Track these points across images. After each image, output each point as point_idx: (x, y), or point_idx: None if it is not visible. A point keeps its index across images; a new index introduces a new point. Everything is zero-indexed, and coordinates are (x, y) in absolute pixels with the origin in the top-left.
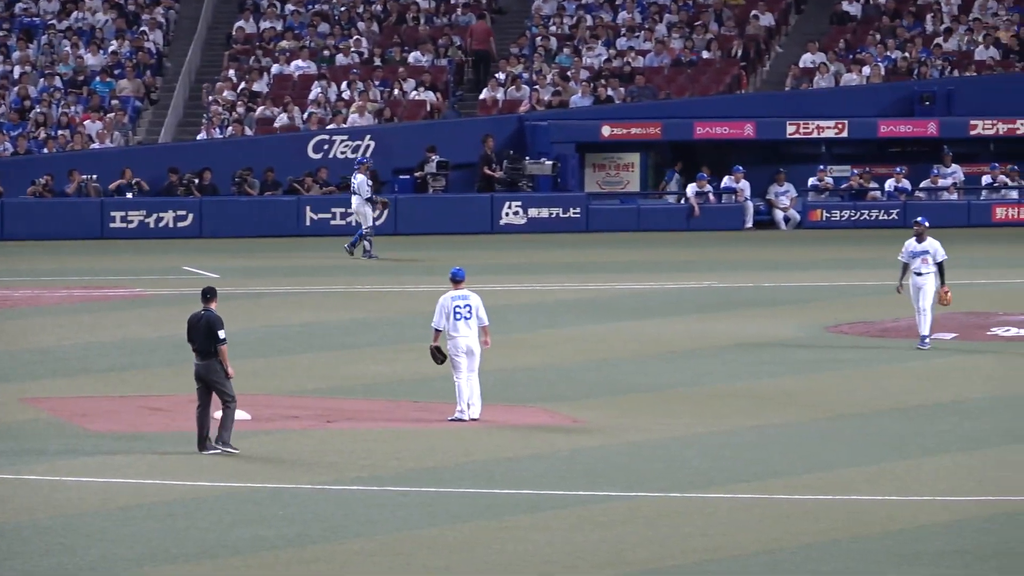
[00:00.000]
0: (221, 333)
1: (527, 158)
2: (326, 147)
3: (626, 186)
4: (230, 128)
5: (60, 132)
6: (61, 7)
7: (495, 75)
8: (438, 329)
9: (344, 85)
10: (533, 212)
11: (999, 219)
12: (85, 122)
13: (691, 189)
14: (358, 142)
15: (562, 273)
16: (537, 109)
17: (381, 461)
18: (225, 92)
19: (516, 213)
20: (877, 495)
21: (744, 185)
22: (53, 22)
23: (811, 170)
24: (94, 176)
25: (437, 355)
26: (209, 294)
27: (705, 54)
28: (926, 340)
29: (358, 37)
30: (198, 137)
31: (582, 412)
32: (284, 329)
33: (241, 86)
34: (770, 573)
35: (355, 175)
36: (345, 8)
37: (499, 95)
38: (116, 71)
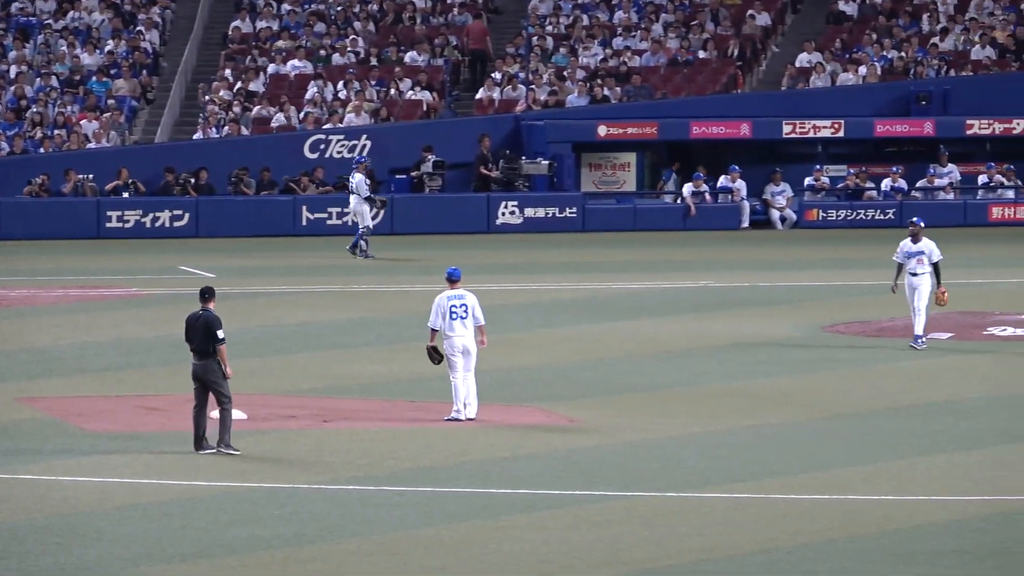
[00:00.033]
0: (220, 333)
1: (523, 158)
2: (322, 147)
3: (622, 186)
4: (226, 128)
5: (56, 132)
6: (57, 6)
7: (491, 75)
8: (434, 329)
9: (340, 85)
10: (529, 212)
11: (995, 219)
12: (81, 122)
13: (687, 189)
14: (354, 142)
15: (558, 273)
16: (533, 109)
17: (377, 461)
18: (221, 92)
19: (512, 213)
20: (873, 495)
21: (740, 185)
22: (49, 22)
23: (807, 170)
24: (90, 176)
25: (434, 355)
26: (207, 294)
27: (701, 54)
28: (920, 340)
29: (354, 37)
30: (194, 137)
31: (578, 412)
32: (280, 329)
33: (237, 86)
34: (766, 573)
35: (353, 174)
36: (341, 8)
37: (495, 95)
38: (112, 71)
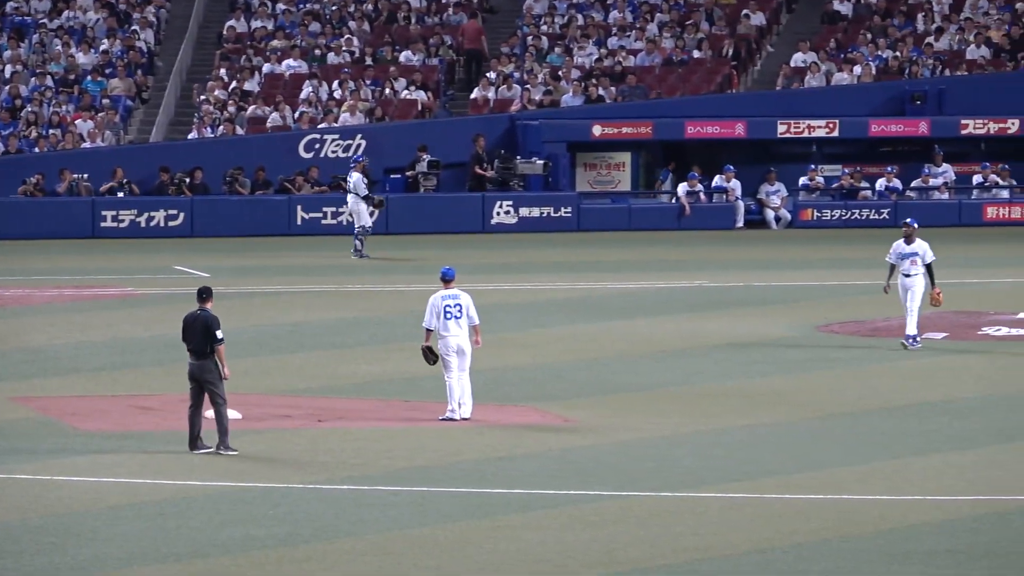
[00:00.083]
0: (219, 333)
1: (518, 157)
2: (317, 146)
3: (617, 185)
4: (221, 127)
5: (51, 131)
6: (52, 6)
7: (486, 74)
8: (429, 329)
9: (335, 84)
10: (524, 211)
11: (990, 218)
12: (76, 121)
13: (682, 188)
14: (349, 141)
15: (553, 272)
16: (528, 108)
17: (372, 460)
18: (216, 91)
19: (507, 212)
20: (868, 494)
21: (735, 184)
22: (44, 21)
23: (802, 169)
24: (85, 175)
25: (429, 355)
26: (205, 294)
27: (696, 53)
28: (912, 340)
29: (349, 36)
30: (189, 136)
31: (573, 411)
32: (275, 328)
33: (232, 85)
34: (761, 572)
35: (351, 173)
36: (336, 7)
37: (490, 94)
38: (107, 70)
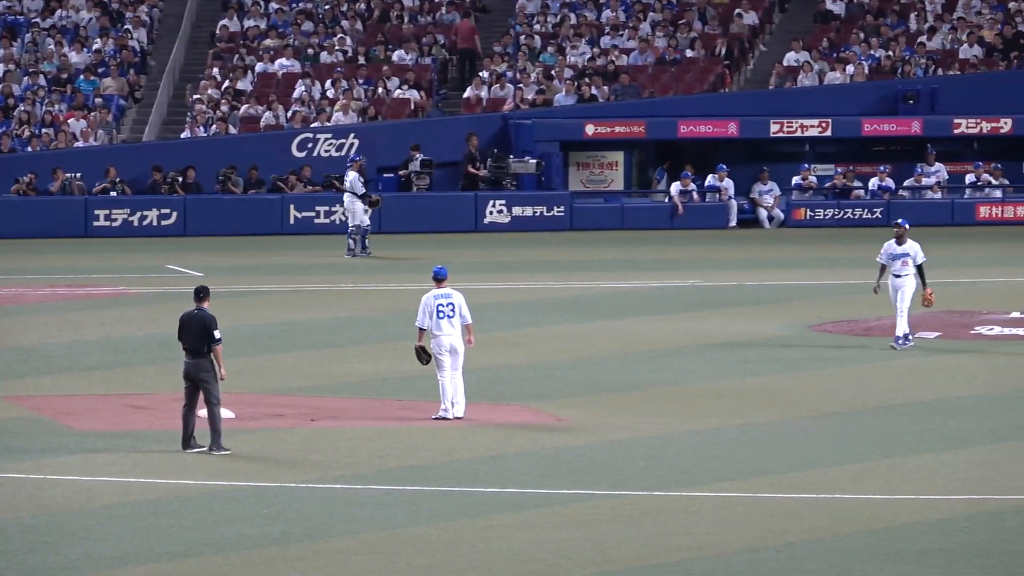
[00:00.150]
0: (217, 333)
1: (511, 156)
2: (310, 145)
3: (610, 185)
4: (214, 126)
5: (44, 130)
6: (45, 5)
7: (479, 73)
8: (422, 328)
9: (328, 83)
10: (517, 210)
11: (983, 218)
12: (69, 120)
13: (675, 188)
14: (342, 140)
15: (546, 272)
16: (521, 107)
17: (365, 459)
18: (209, 90)
19: (500, 211)
20: (861, 494)
21: (728, 184)
22: (37, 20)
23: (795, 169)
24: (78, 174)
25: (422, 355)
26: (202, 293)
27: (689, 53)
28: (900, 340)
29: (342, 35)
30: (182, 135)
31: (566, 411)
32: (268, 327)
33: (225, 84)
34: (754, 571)
35: (347, 172)
36: (329, 6)
37: (483, 93)
38: (100, 69)
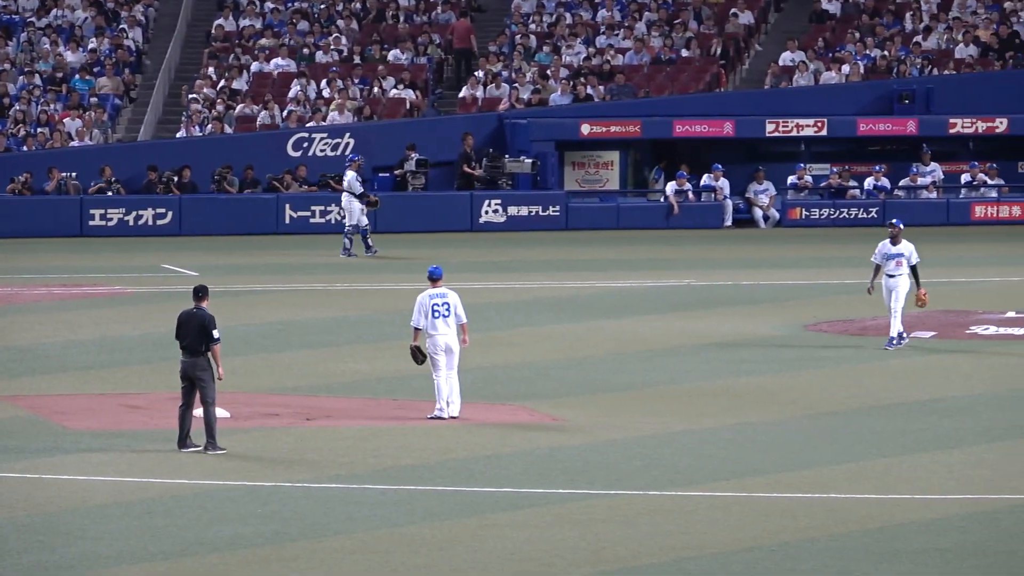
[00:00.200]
0: (215, 332)
1: (507, 156)
2: (305, 145)
3: (606, 184)
4: (209, 126)
5: (39, 130)
6: (40, 4)
7: (475, 73)
8: (417, 328)
9: (324, 83)
10: (513, 210)
11: (978, 217)
12: (64, 120)
13: (671, 187)
14: (337, 140)
15: (541, 271)
16: (517, 107)
17: (360, 459)
18: (205, 90)
19: (496, 211)
20: (856, 493)
21: (723, 183)
22: (32, 19)
23: (790, 168)
24: (73, 174)
25: (417, 355)
26: (201, 292)
27: (684, 52)
28: (894, 341)
29: (338, 35)
30: (177, 135)
31: (561, 410)
32: (263, 327)
33: (221, 84)
34: (749, 571)
35: (346, 172)
36: (325, 6)
37: (479, 93)
38: (95, 69)
